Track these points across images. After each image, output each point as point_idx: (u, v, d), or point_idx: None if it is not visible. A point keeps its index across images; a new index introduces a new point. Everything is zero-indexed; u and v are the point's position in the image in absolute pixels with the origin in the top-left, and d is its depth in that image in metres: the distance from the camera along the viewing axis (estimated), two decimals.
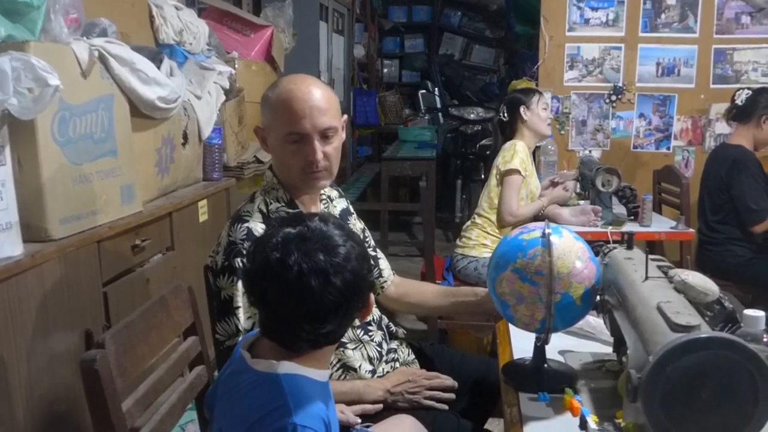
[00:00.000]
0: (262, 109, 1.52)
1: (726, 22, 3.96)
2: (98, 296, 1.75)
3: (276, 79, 1.61)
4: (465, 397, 1.70)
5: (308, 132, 1.42)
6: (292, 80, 1.47)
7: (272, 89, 1.49)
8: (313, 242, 1.02)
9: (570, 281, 1.22)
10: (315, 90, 1.44)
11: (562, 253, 1.23)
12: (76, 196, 1.68)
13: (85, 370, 1.00)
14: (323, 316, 1.02)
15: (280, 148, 1.46)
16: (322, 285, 1.00)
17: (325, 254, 1.01)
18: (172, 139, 2.27)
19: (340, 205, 1.69)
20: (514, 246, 1.27)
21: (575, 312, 1.26)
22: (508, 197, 2.87)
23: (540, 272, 1.22)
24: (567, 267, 1.22)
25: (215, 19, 3.17)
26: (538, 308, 1.23)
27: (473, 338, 3.26)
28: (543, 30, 4.04)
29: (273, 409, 1.00)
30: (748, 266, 3.04)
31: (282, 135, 1.44)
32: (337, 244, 1.04)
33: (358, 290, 1.05)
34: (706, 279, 1.13)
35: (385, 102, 6.92)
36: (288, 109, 1.42)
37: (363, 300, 1.09)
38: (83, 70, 1.69)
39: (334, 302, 1.01)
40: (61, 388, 1.58)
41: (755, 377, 0.88)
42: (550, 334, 1.26)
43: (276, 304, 1.03)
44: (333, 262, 1.01)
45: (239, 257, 1.35)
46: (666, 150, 4.10)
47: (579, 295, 1.23)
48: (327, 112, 1.45)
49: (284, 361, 1.05)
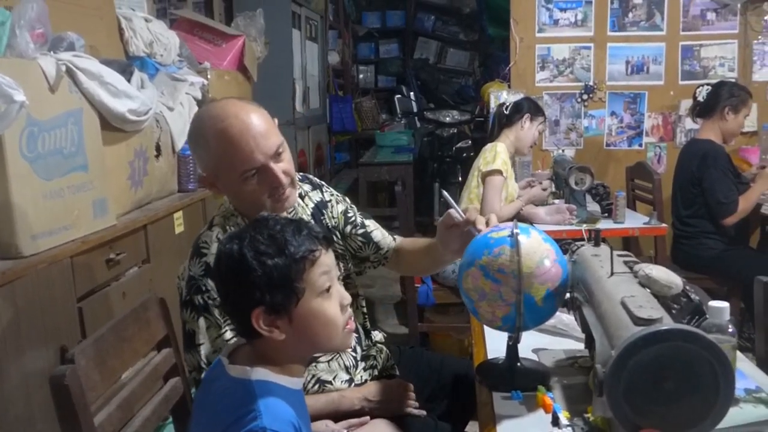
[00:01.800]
0: (196, 153, 1.44)
1: (692, 19, 4.03)
2: (73, 312, 1.74)
3: (197, 117, 1.45)
4: (444, 400, 1.71)
5: (263, 162, 1.36)
6: (219, 116, 1.36)
7: (201, 131, 1.39)
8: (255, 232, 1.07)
9: (532, 281, 1.22)
10: (249, 116, 1.36)
11: (527, 253, 1.23)
12: (47, 211, 1.67)
13: (54, 386, 1.00)
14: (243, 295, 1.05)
15: (237, 188, 1.39)
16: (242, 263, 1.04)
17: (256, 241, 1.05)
18: (145, 151, 2.26)
19: (314, 198, 1.63)
20: (482, 243, 1.28)
21: (538, 312, 1.26)
22: (490, 198, 2.87)
23: (502, 270, 1.23)
24: (529, 267, 1.23)
25: (186, 30, 3.16)
26: (499, 306, 1.24)
27: (455, 340, 3.28)
28: (513, 32, 4.09)
29: (244, 413, 1.01)
30: (721, 259, 3.09)
31: (236, 176, 1.36)
32: (274, 233, 1.06)
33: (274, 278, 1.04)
34: (670, 272, 1.15)
35: (362, 108, 6.93)
36: (233, 149, 1.34)
37: (281, 291, 1.05)
38: (51, 85, 1.68)
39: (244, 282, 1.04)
40: (38, 407, 1.56)
41: (715, 367, 0.90)
42: (521, 333, 1.28)
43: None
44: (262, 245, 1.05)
45: (199, 294, 1.34)
46: (638, 147, 4.16)
47: (541, 296, 1.23)
48: (269, 131, 1.38)
49: (257, 368, 1.06)
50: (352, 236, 1.66)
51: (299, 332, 1.07)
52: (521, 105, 3.06)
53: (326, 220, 1.62)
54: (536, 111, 3.06)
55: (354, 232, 1.66)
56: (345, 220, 1.66)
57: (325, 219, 1.62)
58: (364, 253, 1.68)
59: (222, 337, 1.34)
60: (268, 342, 1.07)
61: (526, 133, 3.03)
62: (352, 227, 1.66)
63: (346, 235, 1.66)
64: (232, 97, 1.47)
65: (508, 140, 3.04)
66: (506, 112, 3.06)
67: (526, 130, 3.02)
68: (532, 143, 3.12)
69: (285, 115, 4.51)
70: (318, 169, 5.43)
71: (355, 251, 1.67)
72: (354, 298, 1.65)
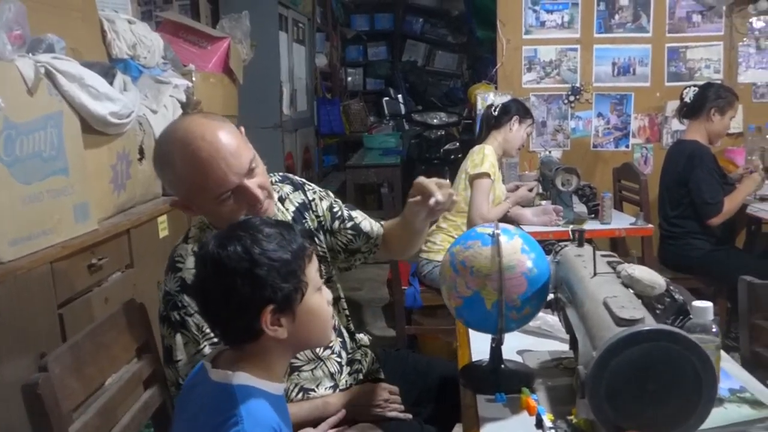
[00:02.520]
0: (165, 179, 1.38)
1: (678, 21, 4.05)
2: (54, 319, 1.71)
3: (161, 142, 1.38)
4: (431, 403, 1.70)
5: (237, 183, 1.31)
6: (185, 139, 1.29)
7: (167, 156, 1.33)
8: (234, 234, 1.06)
9: (485, 283, 1.23)
10: (217, 136, 1.29)
11: (496, 255, 1.23)
12: (26, 216, 1.64)
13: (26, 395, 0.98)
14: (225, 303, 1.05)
15: (213, 209, 1.35)
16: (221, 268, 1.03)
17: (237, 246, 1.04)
18: (128, 154, 2.24)
19: (296, 200, 1.60)
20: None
21: (483, 314, 1.25)
22: (478, 201, 2.86)
23: (464, 263, 1.25)
24: (489, 269, 1.23)
25: (171, 32, 3.14)
26: (453, 295, 1.27)
27: (443, 342, 3.26)
28: (500, 33, 4.09)
29: (225, 419, 1.00)
30: (708, 259, 3.10)
31: (211, 199, 1.32)
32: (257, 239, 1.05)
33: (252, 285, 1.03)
34: (653, 272, 1.15)
35: (350, 110, 6.92)
36: (204, 174, 1.28)
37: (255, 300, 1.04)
38: (29, 88, 1.66)
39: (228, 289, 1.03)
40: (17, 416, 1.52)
41: (697, 367, 0.90)
42: (503, 335, 1.27)
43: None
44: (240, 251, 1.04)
45: (175, 310, 1.33)
46: (625, 148, 4.17)
47: (491, 301, 1.23)
48: (239, 149, 1.32)
49: (239, 372, 1.06)
50: (341, 231, 1.62)
51: (300, 328, 1.08)
52: (509, 107, 3.06)
53: (308, 223, 1.59)
54: (525, 113, 3.06)
55: (342, 226, 1.62)
56: (331, 216, 1.62)
57: (307, 222, 1.59)
58: (354, 245, 1.64)
59: (201, 353, 1.33)
60: (264, 343, 1.06)
61: (515, 135, 3.03)
62: (340, 222, 1.62)
63: (335, 231, 1.62)
64: (194, 114, 1.44)
65: (496, 142, 3.03)
66: (494, 114, 3.06)
67: (515, 132, 3.02)
68: (521, 145, 3.12)
69: (272, 117, 4.49)
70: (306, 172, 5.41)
71: (346, 245, 1.63)
72: (336, 300, 1.64)
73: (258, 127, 4.12)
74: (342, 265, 1.68)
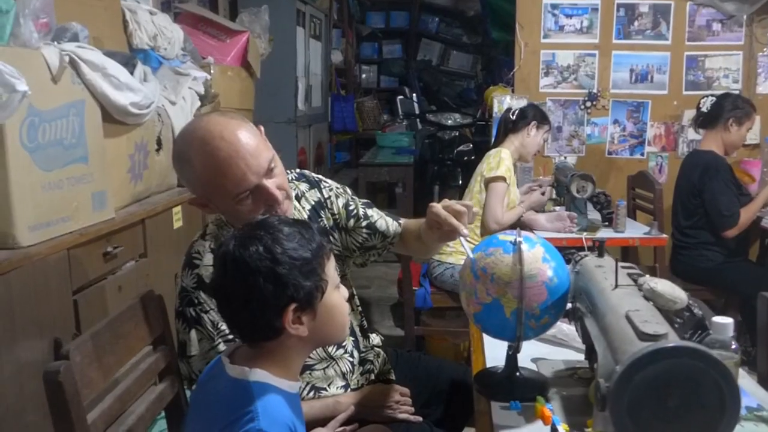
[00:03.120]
0: (184, 177, 1.37)
1: (697, 30, 4.02)
2: (68, 304, 1.72)
3: (180, 140, 1.38)
4: (440, 406, 1.70)
5: (256, 183, 1.31)
6: (204, 138, 1.29)
7: (186, 155, 1.32)
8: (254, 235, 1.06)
9: (506, 291, 1.22)
10: (236, 135, 1.29)
11: (517, 262, 1.23)
12: (46, 202, 1.65)
13: (48, 382, 0.99)
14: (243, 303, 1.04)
15: (231, 208, 1.34)
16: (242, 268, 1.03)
17: (257, 246, 1.04)
18: (146, 145, 2.24)
19: (311, 199, 1.60)
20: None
21: (502, 321, 1.24)
22: (493, 205, 2.86)
23: (485, 269, 1.25)
24: (510, 277, 1.22)
25: (190, 24, 3.15)
26: (472, 301, 1.27)
27: (450, 344, 3.27)
28: (518, 36, 4.07)
29: (241, 415, 1.00)
30: (720, 270, 3.09)
31: (229, 199, 1.31)
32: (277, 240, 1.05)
33: (272, 285, 1.03)
34: (675, 287, 1.14)
35: (363, 107, 6.92)
36: (223, 174, 1.28)
37: (277, 299, 1.04)
38: (53, 76, 1.66)
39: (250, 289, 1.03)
40: (30, 399, 1.54)
41: (721, 385, 0.89)
42: (521, 342, 1.27)
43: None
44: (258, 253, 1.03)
45: (191, 307, 1.33)
46: (640, 156, 4.15)
47: (511, 308, 1.22)
48: (258, 149, 1.31)
49: (256, 369, 1.06)
50: (356, 230, 1.62)
51: (320, 326, 1.09)
52: (527, 112, 3.05)
53: (324, 221, 1.59)
54: (542, 119, 3.05)
55: (358, 225, 1.61)
56: (347, 214, 1.61)
57: (323, 220, 1.59)
58: (370, 243, 1.63)
59: (215, 349, 1.33)
60: (284, 341, 1.07)
61: (532, 141, 3.02)
62: (355, 220, 1.62)
63: (350, 230, 1.61)
64: (214, 113, 1.42)
65: (513, 146, 3.02)
66: (512, 118, 3.05)
67: (532, 137, 3.01)
68: (537, 151, 3.11)
69: (287, 112, 4.50)
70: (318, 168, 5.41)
71: (362, 243, 1.63)
72: (350, 298, 1.64)
73: (272, 122, 4.13)
74: (357, 261, 1.68)
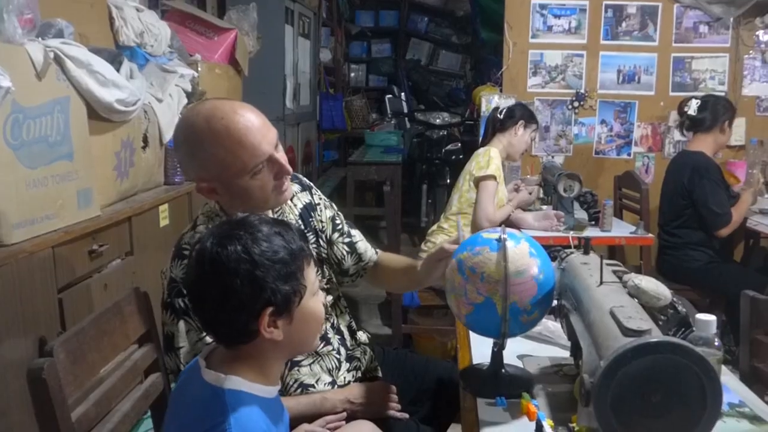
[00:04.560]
0: (195, 161, 1.36)
1: (684, 32, 4.06)
2: (53, 303, 1.71)
3: (187, 125, 1.38)
4: (427, 403, 1.70)
5: (270, 153, 1.34)
6: (216, 116, 1.31)
7: (197, 135, 1.33)
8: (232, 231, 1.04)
9: (496, 289, 1.22)
10: (245, 112, 1.33)
11: (505, 260, 1.23)
12: (30, 200, 1.64)
13: (32, 380, 0.98)
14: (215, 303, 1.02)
15: (244, 185, 1.35)
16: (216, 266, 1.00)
17: (236, 245, 1.01)
18: (132, 142, 2.23)
19: (303, 199, 1.61)
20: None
21: (495, 320, 1.24)
22: (485, 203, 2.86)
23: (473, 269, 1.24)
24: (499, 274, 1.22)
25: (178, 21, 3.13)
26: (462, 303, 1.26)
27: (438, 343, 3.27)
28: (507, 36, 4.09)
29: (214, 425, 0.98)
30: (705, 270, 3.10)
31: (246, 173, 1.33)
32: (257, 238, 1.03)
33: (248, 288, 1.01)
34: (659, 284, 1.15)
35: (352, 106, 6.91)
36: (241, 145, 1.31)
37: (254, 302, 1.02)
38: (38, 72, 1.65)
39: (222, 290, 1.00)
40: (15, 398, 1.53)
41: (703, 380, 0.90)
42: (506, 339, 1.27)
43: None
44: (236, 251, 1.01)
45: (180, 297, 1.32)
46: (627, 156, 4.18)
47: (500, 305, 1.22)
48: (266, 123, 1.36)
49: (231, 376, 1.03)
50: (337, 244, 1.64)
51: (296, 331, 1.06)
52: (515, 111, 3.06)
53: (314, 223, 1.61)
54: (530, 118, 3.06)
55: (341, 240, 1.64)
56: (333, 227, 1.65)
57: (313, 221, 1.61)
58: (345, 264, 1.65)
59: (202, 340, 1.32)
60: (259, 345, 1.04)
61: (519, 140, 3.03)
62: (339, 235, 1.65)
63: (333, 242, 1.64)
64: (210, 99, 1.43)
65: (501, 145, 3.03)
66: (500, 117, 3.06)
67: (519, 136, 3.03)
68: (524, 150, 3.12)
69: (275, 111, 4.48)
70: (306, 167, 5.41)
71: (339, 260, 1.65)
72: (336, 300, 1.65)
73: None
74: None
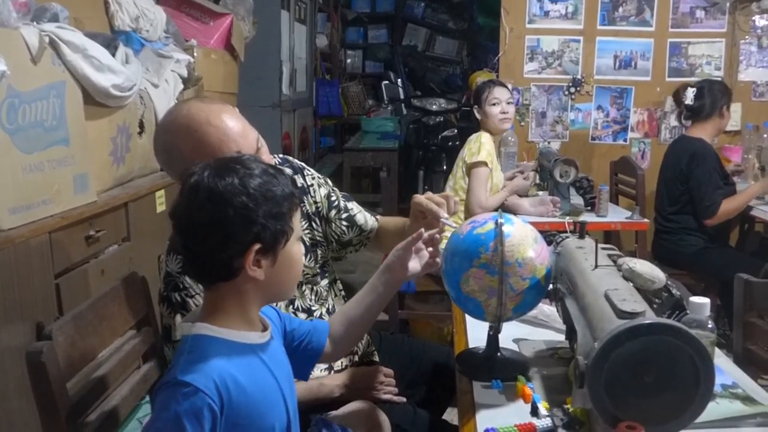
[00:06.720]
0: (173, 169, 1.34)
1: (681, 17, 4.05)
2: (50, 288, 1.71)
3: (164, 131, 1.36)
4: (424, 386, 1.71)
5: None
6: (190, 126, 1.28)
7: (171, 144, 1.31)
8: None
9: (534, 264, 1.23)
10: (222, 119, 1.29)
11: (521, 239, 1.24)
12: (27, 185, 1.63)
13: (31, 363, 0.98)
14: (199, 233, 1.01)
15: None
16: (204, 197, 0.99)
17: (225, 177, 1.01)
18: (128, 127, 2.22)
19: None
20: (473, 242, 1.25)
21: (542, 292, 1.28)
22: (476, 189, 2.87)
23: (508, 263, 1.22)
24: (528, 252, 1.23)
25: (173, 6, 3.11)
26: (511, 298, 1.24)
27: (434, 328, 3.29)
28: (503, 22, 4.08)
29: (170, 369, 0.99)
30: (700, 255, 3.12)
31: None
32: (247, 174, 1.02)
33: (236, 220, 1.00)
34: (653, 267, 1.16)
35: (348, 92, 6.89)
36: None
37: (243, 234, 1.00)
38: (33, 56, 1.64)
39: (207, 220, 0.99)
40: (13, 383, 1.54)
41: (696, 361, 0.91)
42: (502, 323, 1.28)
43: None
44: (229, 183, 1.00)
45: (176, 291, 1.32)
46: (623, 142, 4.18)
47: (542, 275, 1.25)
48: (245, 130, 1.32)
49: (199, 323, 1.03)
50: (335, 221, 1.64)
51: (276, 274, 1.05)
52: (481, 89, 3.06)
53: (306, 207, 1.60)
54: (480, 93, 3.04)
55: (338, 216, 1.64)
56: (328, 204, 1.64)
57: (306, 206, 1.60)
58: (347, 237, 1.66)
59: None
60: (239, 286, 1.03)
61: (488, 113, 3.01)
62: (336, 211, 1.64)
63: (331, 220, 1.64)
64: (192, 100, 1.40)
65: (487, 128, 3.04)
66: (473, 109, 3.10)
67: (483, 116, 3.03)
68: (499, 120, 3.00)
69: (271, 97, 4.47)
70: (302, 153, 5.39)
71: (339, 236, 1.66)
72: (332, 283, 1.66)
73: (256, 106, 4.10)
74: (333, 255, 1.69)
